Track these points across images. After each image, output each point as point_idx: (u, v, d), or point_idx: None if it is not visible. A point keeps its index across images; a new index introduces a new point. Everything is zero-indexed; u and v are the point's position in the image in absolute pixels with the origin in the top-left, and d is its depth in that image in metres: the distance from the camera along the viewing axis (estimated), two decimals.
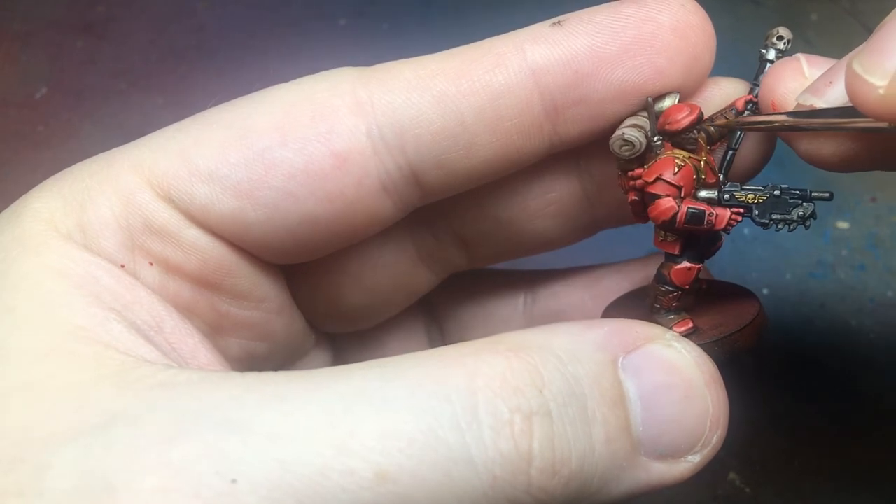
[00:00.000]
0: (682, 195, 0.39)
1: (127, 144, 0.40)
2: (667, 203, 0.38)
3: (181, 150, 0.38)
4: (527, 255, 0.49)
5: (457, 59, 0.39)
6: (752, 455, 0.61)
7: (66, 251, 0.35)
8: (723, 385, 0.36)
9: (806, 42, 0.75)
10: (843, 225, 0.70)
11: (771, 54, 0.41)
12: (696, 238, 0.40)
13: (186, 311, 0.40)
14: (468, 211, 0.46)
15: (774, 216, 0.39)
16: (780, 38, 0.41)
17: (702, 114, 0.39)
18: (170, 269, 0.39)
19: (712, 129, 0.41)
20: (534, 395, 0.32)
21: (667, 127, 0.39)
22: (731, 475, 0.60)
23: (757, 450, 0.61)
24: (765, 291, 0.67)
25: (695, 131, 0.39)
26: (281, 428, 0.29)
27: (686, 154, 0.39)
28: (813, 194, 0.39)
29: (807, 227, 0.39)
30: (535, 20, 0.41)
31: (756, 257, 0.69)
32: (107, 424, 0.28)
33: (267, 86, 0.41)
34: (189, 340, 0.37)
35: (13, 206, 0.38)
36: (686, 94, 0.41)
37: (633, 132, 0.39)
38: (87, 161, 0.39)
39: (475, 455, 0.30)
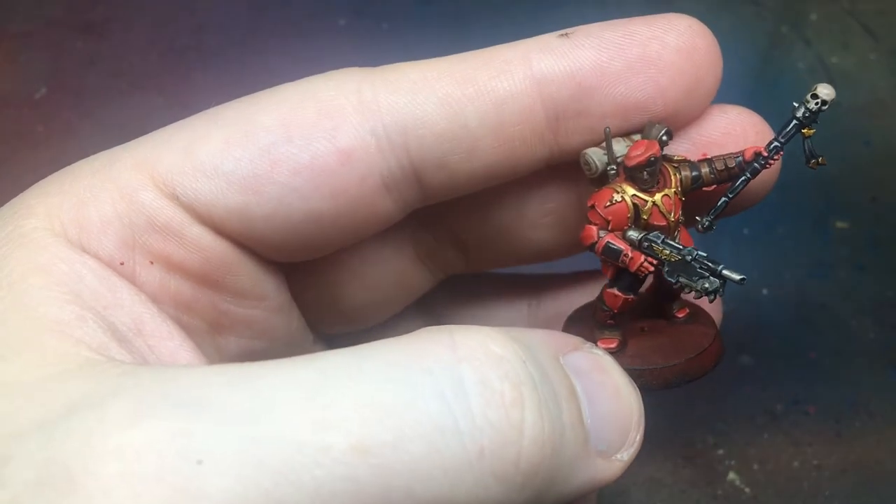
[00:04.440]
0: (609, 228, 0.39)
1: (129, 142, 0.40)
2: (590, 231, 0.40)
3: (185, 147, 0.38)
4: (523, 264, 0.49)
5: (463, 64, 0.39)
6: (751, 455, 0.61)
7: (55, 249, 0.35)
8: (638, 391, 0.37)
9: (806, 42, 0.75)
10: (842, 225, 0.70)
11: (800, 112, 0.39)
12: (625, 272, 0.40)
13: (186, 308, 0.40)
14: (467, 215, 0.46)
15: (682, 279, 0.39)
16: (814, 96, 0.39)
17: (653, 158, 0.38)
18: (171, 267, 0.39)
19: (707, 171, 0.40)
20: (519, 365, 0.31)
21: (624, 160, 0.39)
22: (731, 475, 0.60)
23: (757, 450, 0.61)
24: (765, 291, 0.67)
25: (645, 172, 0.39)
26: (252, 405, 0.28)
27: (633, 191, 0.39)
28: (724, 272, 0.38)
29: (710, 301, 0.39)
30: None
31: (756, 257, 0.69)
32: (69, 413, 0.28)
33: (267, 86, 0.41)
34: (169, 343, 0.37)
35: (10, 203, 0.38)
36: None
37: (595, 154, 0.40)
38: (89, 159, 0.39)
39: (462, 425, 0.29)
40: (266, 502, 0.26)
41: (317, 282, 0.46)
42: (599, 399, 0.35)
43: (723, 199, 0.41)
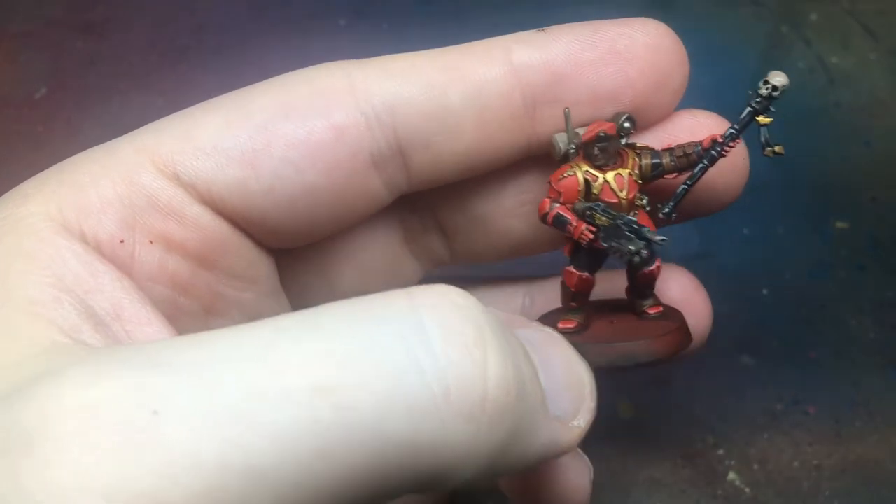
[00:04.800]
0: (561, 201, 0.43)
1: (127, 134, 0.41)
2: (543, 203, 0.43)
3: (184, 131, 0.40)
4: (506, 258, 0.51)
5: (448, 54, 0.43)
6: (751, 455, 0.61)
7: (45, 233, 0.36)
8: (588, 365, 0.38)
9: (806, 42, 0.75)
10: (842, 225, 0.70)
11: (753, 98, 0.40)
12: (582, 249, 0.43)
13: (183, 290, 0.41)
14: (450, 201, 0.48)
15: (613, 243, 0.41)
16: (765, 82, 0.40)
17: (603, 133, 0.41)
18: (171, 246, 0.40)
19: (668, 159, 0.42)
20: (479, 311, 0.31)
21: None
22: (731, 475, 0.60)
23: (757, 450, 0.61)
24: (764, 291, 0.67)
25: (596, 147, 0.41)
26: (210, 360, 0.28)
27: (586, 167, 0.42)
28: (646, 234, 0.41)
29: (634, 263, 0.42)
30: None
31: (756, 257, 0.69)
32: (30, 384, 0.28)
33: None
34: (147, 329, 0.37)
35: (7, 193, 0.39)
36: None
37: (560, 138, 0.43)
38: (88, 150, 0.41)
39: (424, 364, 0.28)
40: (225, 448, 0.26)
41: (307, 269, 0.48)
42: (551, 367, 0.35)
43: (682, 186, 0.43)
